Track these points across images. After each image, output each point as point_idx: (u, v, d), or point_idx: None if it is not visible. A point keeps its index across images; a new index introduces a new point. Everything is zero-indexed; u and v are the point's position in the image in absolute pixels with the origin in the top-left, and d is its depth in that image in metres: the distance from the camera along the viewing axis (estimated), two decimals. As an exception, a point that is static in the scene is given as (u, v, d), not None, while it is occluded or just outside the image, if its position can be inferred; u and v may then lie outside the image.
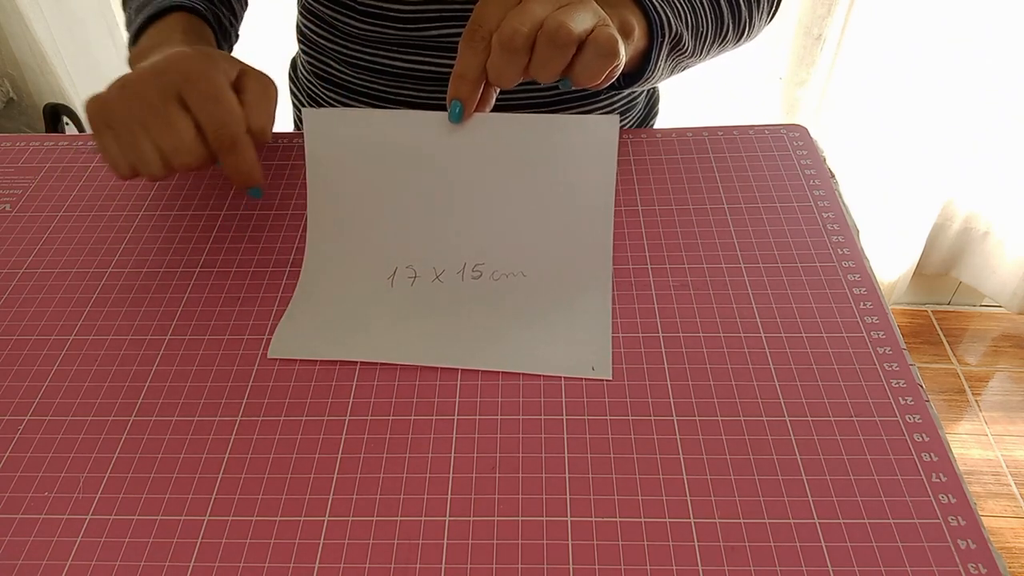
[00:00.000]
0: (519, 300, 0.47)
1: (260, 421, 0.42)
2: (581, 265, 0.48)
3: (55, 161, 0.60)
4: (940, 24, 1.21)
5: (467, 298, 0.47)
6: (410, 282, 0.48)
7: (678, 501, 0.38)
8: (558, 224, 0.48)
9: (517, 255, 0.48)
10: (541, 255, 0.48)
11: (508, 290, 0.47)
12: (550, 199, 0.48)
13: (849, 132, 1.35)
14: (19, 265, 0.52)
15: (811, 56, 1.28)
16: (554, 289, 0.47)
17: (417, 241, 0.48)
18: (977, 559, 0.35)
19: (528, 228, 0.48)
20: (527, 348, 0.44)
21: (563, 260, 0.48)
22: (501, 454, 0.40)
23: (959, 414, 1.41)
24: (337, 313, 0.47)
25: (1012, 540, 1.23)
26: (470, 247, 0.48)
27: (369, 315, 0.47)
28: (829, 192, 0.54)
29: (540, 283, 0.47)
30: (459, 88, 0.45)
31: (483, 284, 0.47)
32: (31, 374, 0.45)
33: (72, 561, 0.37)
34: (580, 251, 0.48)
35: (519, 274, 0.47)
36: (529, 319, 0.46)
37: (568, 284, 0.47)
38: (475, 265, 0.48)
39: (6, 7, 1.28)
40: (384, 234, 0.49)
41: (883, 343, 0.44)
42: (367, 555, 0.36)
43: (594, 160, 0.47)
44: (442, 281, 0.48)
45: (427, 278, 0.48)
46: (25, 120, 1.42)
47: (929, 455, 0.39)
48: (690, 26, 0.54)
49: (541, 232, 0.48)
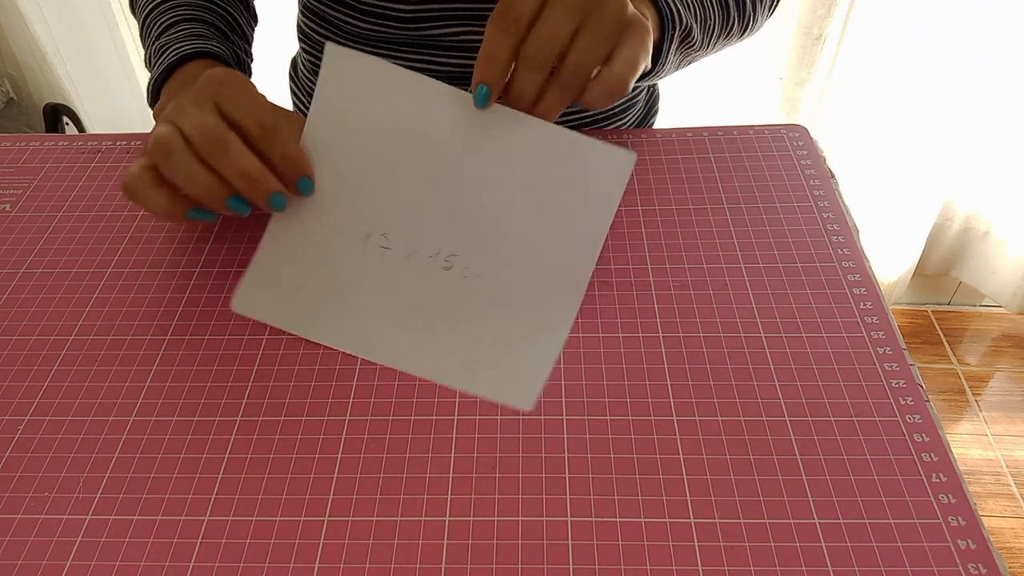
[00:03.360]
0: (478, 309, 0.46)
1: (260, 421, 0.42)
2: (553, 290, 0.46)
3: (55, 161, 0.60)
4: (940, 24, 1.21)
5: (430, 290, 0.46)
6: (381, 253, 0.47)
7: (678, 501, 0.38)
8: (544, 241, 0.46)
9: (493, 259, 0.47)
10: (517, 267, 0.46)
11: (472, 293, 0.46)
12: (544, 214, 0.46)
13: (849, 132, 1.35)
14: (19, 265, 0.52)
15: (811, 56, 1.28)
16: (517, 307, 0.46)
17: (399, 211, 0.47)
18: (977, 559, 0.35)
19: (513, 236, 0.47)
20: (467, 365, 0.44)
21: (537, 278, 0.46)
22: (501, 454, 0.40)
23: (959, 414, 1.41)
24: (305, 273, 0.47)
25: (1012, 540, 1.23)
26: (450, 234, 0.47)
27: (334, 284, 0.47)
28: (829, 192, 0.54)
29: (506, 296, 0.46)
30: (487, 71, 0.43)
31: (450, 278, 0.46)
32: (31, 374, 0.45)
33: (72, 561, 0.37)
34: (556, 276, 0.46)
35: (489, 278, 0.46)
36: (480, 334, 0.45)
37: (532, 305, 0.46)
38: (449, 255, 0.46)
39: (6, 7, 1.28)
40: (369, 193, 0.47)
41: (883, 343, 0.44)
42: (367, 555, 0.36)
43: (600, 189, 0.46)
44: (412, 261, 0.47)
45: (399, 253, 0.47)
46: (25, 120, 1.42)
47: (929, 455, 0.39)
48: (699, 19, 0.54)
49: (525, 244, 0.47)
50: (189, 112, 0.44)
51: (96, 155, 0.60)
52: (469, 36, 0.62)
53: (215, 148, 0.43)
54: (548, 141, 0.46)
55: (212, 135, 0.43)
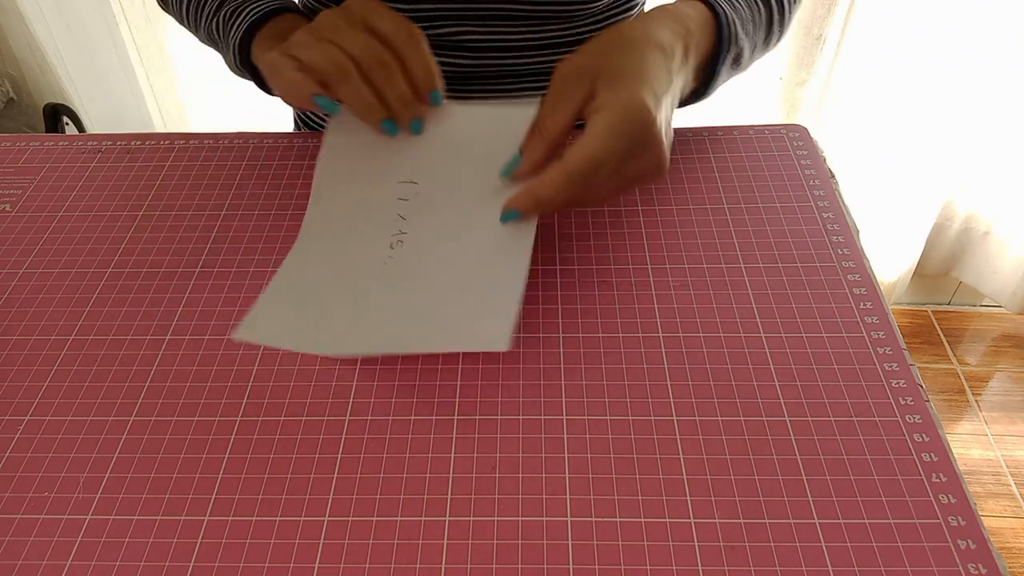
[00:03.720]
0: (432, 273, 0.47)
1: (260, 421, 0.42)
2: (504, 238, 0.47)
3: (55, 161, 0.60)
4: (940, 24, 1.21)
5: (386, 269, 0.47)
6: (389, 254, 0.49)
7: (678, 501, 0.38)
8: (492, 200, 0.48)
9: (443, 228, 0.49)
10: (467, 231, 0.48)
11: (423, 260, 0.47)
12: (488, 178, 0.49)
13: (849, 132, 1.35)
14: (19, 265, 0.52)
15: (811, 56, 1.28)
16: (472, 263, 0.47)
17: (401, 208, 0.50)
18: (977, 559, 0.35)
19: (463, 202, 0.49)
20: (435, 327, 0.44)
21: (486, 234, 0.48)
22: (501, 454, 0.40)
23: (959, 414, 1.41)
24: (315, 294, 0.47)
25: (1012, 540, 1.23)
26: (406, 212, 0.50)
27: (346, 296, 0.47)
28: (829, 192, 0.54)
29: (457, 257, 0.47)
30: (527, 204, 0.47)
31: (402, 253, 0.48)
32: (31, 374, 0.45)
33: (72, 561, 0.37)
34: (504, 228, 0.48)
35: (439, 247, 0.48)
36: (440, 295, 0.45)
37: (486, 257, 0.47)
38: (399, 232, 0.49)
39: (6, 7, 1.28)
40: (382, 203, 0.51)
41: (883, 343, 0.44)
42: (367, 555, 0.36)
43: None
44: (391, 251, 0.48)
45: (378, 252, 0.49)
46: (25, 120, 1.42)
47: (929, 455, 0.39)
48: (749, 34, 0.55)
49: (474, 206, 0.49)
50: (348, 34, 0.49)
51: (96, 155, 0.60)
52: (466, 36, 0.62)
53: (383, 73, 0.49)
54: (478, 121, 0.52)
55: (381, 60, 0.48)
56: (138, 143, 0.61)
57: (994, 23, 1.20)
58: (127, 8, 1.35)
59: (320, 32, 0.49)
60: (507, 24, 0.62)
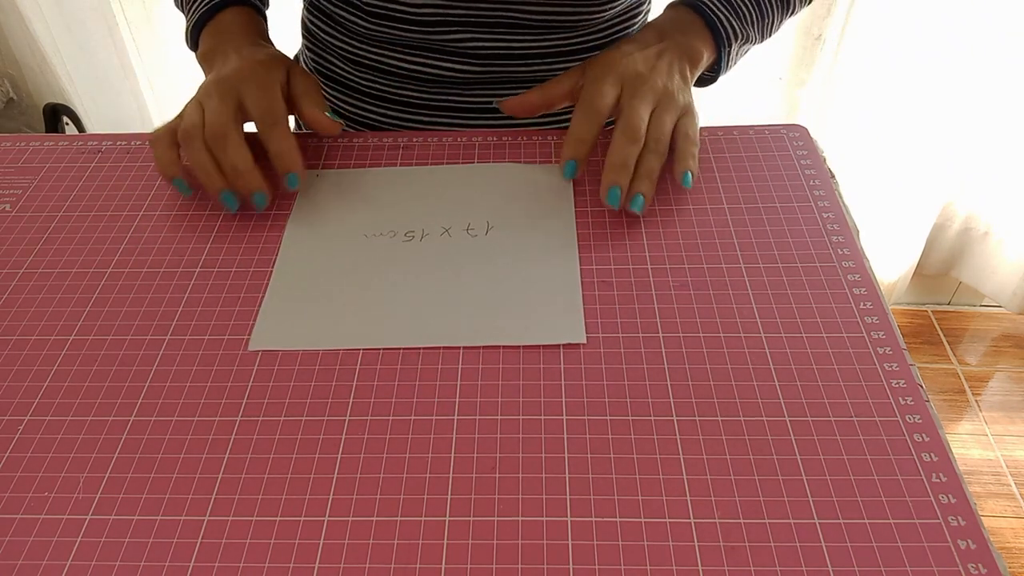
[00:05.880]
0: (494, 270, 0.49)
1: (260, 421, 0.42)
2: (549, 240, 0.51)
3: (55, 161, 0.60)
4: (940, 24, 1.21)
5: (444, 262, 0.50)
6: (390, 242, 0.51)
7: (678, 501, 0.38)
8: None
9: (498, 225, 0.52)
10: (517, 232, 0.52)
11: (484, 255, 0.50)
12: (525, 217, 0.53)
13: (849, 132, 1.35)
14: (19, 265, 0.52)
15: (811, 56, 1.28)
16: (526, 261, 0.50)
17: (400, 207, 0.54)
18: (977, 559, 0.35)
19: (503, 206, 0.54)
20: (506, 321, 0.46)
21: (533, 238, 0.52)
22: (501, 454, 0.40)
23: (959, 414, 1.42)
24: (321, 289, 0.49)
25: (1012, 540, 1.24)
26: (456, 213, 0.53)
27: (353, 287, 0.49)
28: (829, 192, 0.54)
29: (513, 252, 0.50)
30: (578, 150, 0.53)
31: (462, 247, 0.51)
32: (31, 374, 0.45)
33: (72, 561, 0.37)
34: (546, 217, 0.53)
35: (496, 240, 0.51)
36: (505, 291, 0.48)
37: (538, 257, 0.50)
38: (461, 227, 0.52)
39: (6, 7, 1.28)
40: (378, 200, 0.54)
41: (883, 343, 0.44)
42: (367, 555, 0.36)
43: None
44: (426, 242, 0.51)
45: (412, 237, 0.52)
46: (25, 120, 1.42)
47: (929, 455, 0.39)
48: (753, 20, 0.59)
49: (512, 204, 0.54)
50: (213, 100, 0.52)
51: (96, 155, 0.60)
52: (474, 43, 0.62)
53: (218, 141, 0.51)
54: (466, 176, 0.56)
55: (219, 128, 0.51)
56: (138, 143, 0.61)
57: (994, 23, 1.20)
58: (127, 8, 1.35)
59: (198, 96, 0.53)
60: (513, 32, 0.62)
